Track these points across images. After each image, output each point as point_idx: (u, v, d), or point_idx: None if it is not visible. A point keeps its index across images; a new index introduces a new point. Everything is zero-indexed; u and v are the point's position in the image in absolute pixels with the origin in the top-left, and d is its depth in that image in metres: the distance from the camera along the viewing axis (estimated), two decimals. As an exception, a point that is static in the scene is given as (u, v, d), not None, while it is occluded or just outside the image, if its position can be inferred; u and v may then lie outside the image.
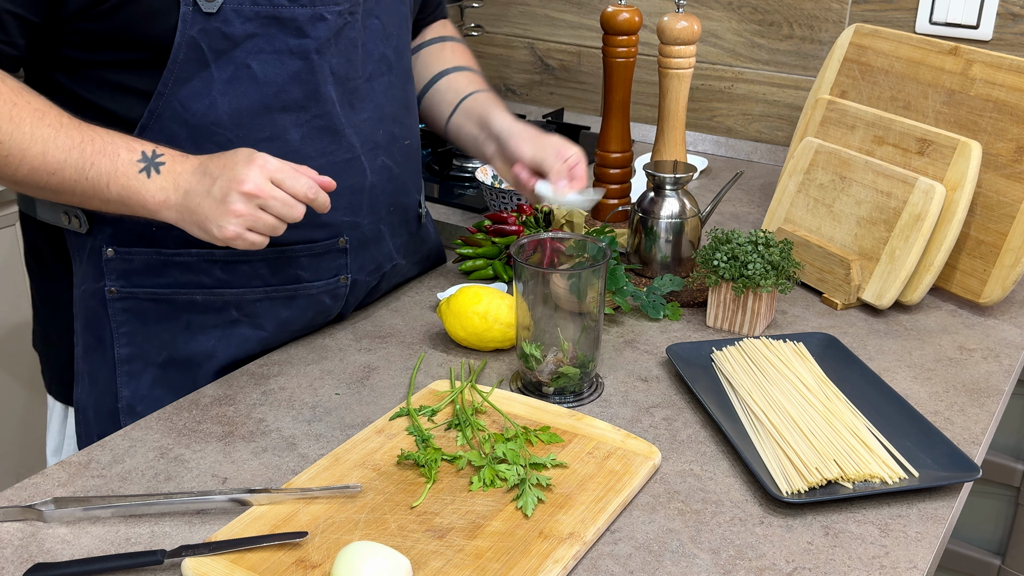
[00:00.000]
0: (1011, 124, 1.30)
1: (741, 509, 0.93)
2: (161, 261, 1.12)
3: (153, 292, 1.13)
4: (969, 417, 1.08)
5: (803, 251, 1.38)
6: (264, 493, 0.90)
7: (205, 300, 1.14)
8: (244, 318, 1.16)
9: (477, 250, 1.38)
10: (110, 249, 1.11)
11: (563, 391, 1.10)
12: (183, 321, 1.14)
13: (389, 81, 1.20)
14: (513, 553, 0.84)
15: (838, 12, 1.86)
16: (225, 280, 1.14)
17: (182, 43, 1.02)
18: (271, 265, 1.15)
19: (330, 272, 1.19)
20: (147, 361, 1.15)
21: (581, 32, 2.16)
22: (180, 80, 1.04)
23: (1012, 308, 1.34)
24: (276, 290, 1.17)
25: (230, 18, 1.03)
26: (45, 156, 0.98)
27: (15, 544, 0.86)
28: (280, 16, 1.05)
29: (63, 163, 0.99)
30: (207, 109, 1.05)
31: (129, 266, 1.12)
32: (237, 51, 1.04)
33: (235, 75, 1.05)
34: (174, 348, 1.15)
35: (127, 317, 1.14)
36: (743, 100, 2.01)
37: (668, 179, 1.32)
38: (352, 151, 1.15)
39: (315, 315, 1.22)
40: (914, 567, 0.85)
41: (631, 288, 1.27)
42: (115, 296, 1.13)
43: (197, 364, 1.16)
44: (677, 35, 1.40)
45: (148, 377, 1.15)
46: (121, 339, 1.14)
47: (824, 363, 1.14)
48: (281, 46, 1.06)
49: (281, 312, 1.18)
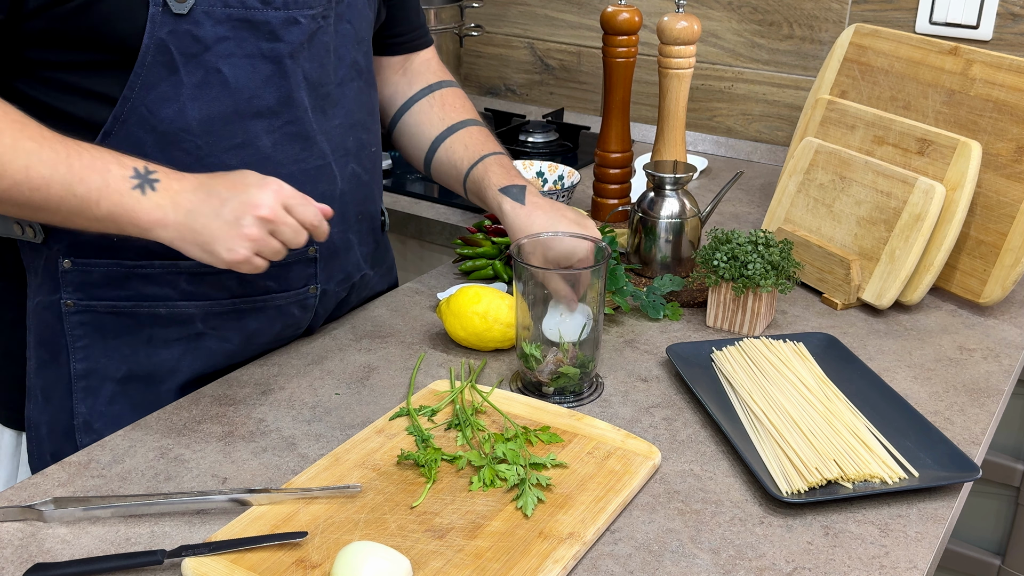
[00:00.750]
0: (1011, 124, 1.30)
1: (741, 509, 0.93)
2: (122, 273, 1.08)
3: (113, 305, 1.09)
4: (969, 417, 1.08)
5: (803, 251, 1.38)
6: (264, 493, 0.90)
7: (169, 313, 1.10)
8: (210, 331, 1.13)
9: (477, 250, 1.38)
10: (67, 260, 1.07)
11: (563, 391, 1.10)
12: (145, 335, 1.11)
13: (359, 87, 1.18)
14: (513, 553, 0.84)
15: (838, 12, 1.86)
16: (190, 292, 1.10)
17: (150, 45, 0.98)
18: (238, 276, 1.11)
19: (299, 282, 1.16)
20: (105, 376, 1.11)
21: (581, 32, 2.16)
22: (147, 84, 1.00)
23: (1012, 308, 1.34)
24: (243, 301, 1.13)
25: (201, 20, 0.99)
26: (28, 171, 0.92)
27: (15, 544, 0.86)
28: (253, 19, 1.02)
29: (48, 179, 0.93)
30: (176, 115, 1.01)
31: (87, 278, 1.08)
32: (208, 55, 1.01)
33: (205, 79, 1.01)
34: (135, 363, 1.11)
35: (85, 331, 1.10)
36: (743, 100, 2.01)
37: (668, 179, 1.32)
38: (323, 158, 1.12)
39: (283, 327, 1.18)
40: (914, 567, 0.85)
41: (631, 288, 1.27)
42: (72, 309, 1.09)
43: (159, 379, 1.12)
44: (677, 35, 1.40)
45: (106, 393, 1.11)
46: (77, 353, 1.10)
47: (824, 363, 1.14)
48: (253, 50, 1.03)
49: (249, 324, 1.15)
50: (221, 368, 1.16)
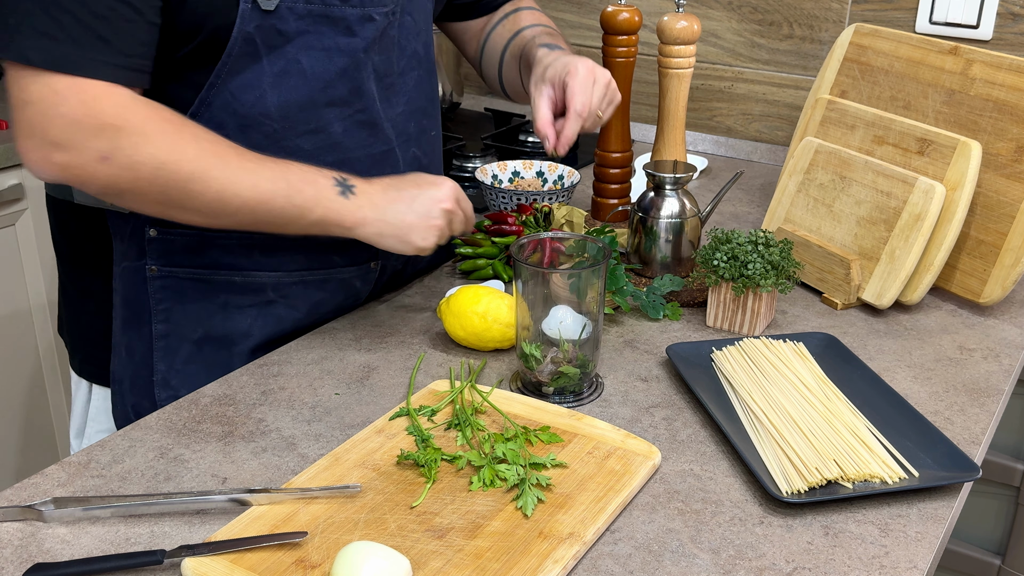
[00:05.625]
0: (1011, 124, 1.30)
1: (741, 509, 0.93)
2: (202, 242, 1.16)
3: (193, 272, 1.17)
4: (969, 417, 1.08)
5: (803, 251, 1.38)
6: (264, 493, 0.90)
7: (243, 281, 1.18)
8: (280, 299, 1.21)
9: (477, 250, 1.38)
10: (152, 229, 1.16)
11: (563, 391, 1.10)
12: (220, 300, 1.18)
13: (419, 75, 1.24)
14: (513, 553, 0.84)
15: (838, 12, 1.86)
16: (263, 263, 1.18)
17: (238, 37, 1.05)
18: (307, 250, 1.20)
19: (362, 258, 1.24)
20: (183, 338, 1.19)
21: (581, 32, 2.16)
22: (233, 72, 1.07)
23: (1012, 308, 1.34)
24: (311, 274, 1.21)
25: (285, 15, 1.06)
26: (256, 188, 1.03)
27: (15, 544, 0.86)
28: (331, 15, 1.09)
29: (272, 192, 1.04)
30: (256, 100, 1.08)
31: (170, 246, 1.16)
32: (289, 47, 1.08)
33: (285, 69, 1.09)
34: (211, 326, 1.19)
35: (166, 295, 1.18)
36: (743, 100, 2.01)
37: (668, 179, 1.32)
38: (388, 143, 1.20)
39: (345, 298, 1.26)
40: (914, 567, 0.85)
41: (631, 288, 1.27)
42: (155, 274, 1.17)
43: (233, 342, 1.20)
44: (677, 35, 1.39)
45: (184, 353, 1.19)
46: (159, 316, 1.18)
47: (824, 363, 1.14)
48: (330, 44, 1.10)
49: (314, 295, 1.23)
50: (288, 333, 1.23)
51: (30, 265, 2.04)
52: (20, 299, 2.03)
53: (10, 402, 2.05)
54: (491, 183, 1.61)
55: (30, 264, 2.04)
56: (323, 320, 1.26)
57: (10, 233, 1.99)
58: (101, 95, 0.97)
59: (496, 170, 1.65)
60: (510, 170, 1.66)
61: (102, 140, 0.97)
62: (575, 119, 1.17)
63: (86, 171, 0.99)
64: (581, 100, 1.17)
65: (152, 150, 0.99)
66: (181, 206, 1.03)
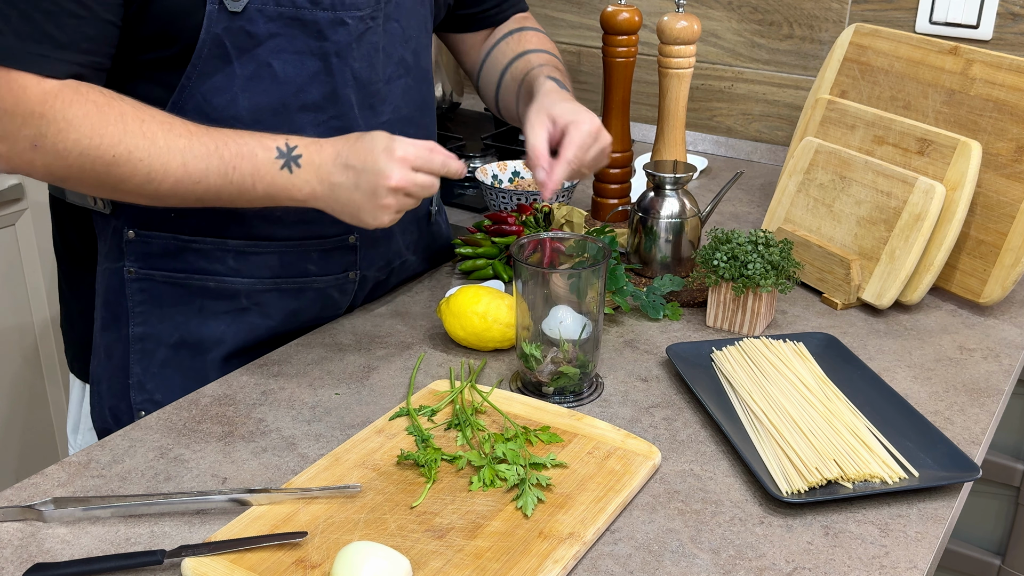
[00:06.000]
0: (1011, 124, 1.30)
1: (741, 509, 0.93)
2: (178, 246, 1.15)
3: (169, 275, 1.16)
4: (969, 417, 1.08)
5: (803, 251, 1.38)
6: (264, 493, 0.90)
7: (217, 287, 1.17)
8: (253, 307, 1.19)
9: (477, 250, 1.38)
10: (131, 231, 1.15)
11: (563, 391, 1.10)
12: (196, 305, 1.18)
13: (407, 83, 1.22)
14: (513, 553, 0.84)
15: (838, 12, 1.86)
16: (236, 269, 1.17)
17: (207, 40, 1.04)
18: (282, 258, 1.18)
19: (339, 268, 1.22)
20: (159, 341, 1.18)
21: (581, 32, 2.16)
22: (203, 75, 1.06)
23: (1012, 308, 1.34)
24: (285, 282, 1.20)
25: (254, 17, 1.05)
26: (186, 167, 1.01)
27: (15, 544, 0.86)
28: (302, 18, 1.07)
29: (205, 171, 1.01)
30: (227, 104, 1.08)
31: (148, 248, 1.16)
32: (259, 50, 1.07)
33: (256, 73, 1.08)
34: (186, 331, 1.18)
35: (143, 297, 1.17)
36: (743, 100, 2.01)
37: (668, 179, 1.32)
38: None
39: (323, 308, 1.24)
40: (914, 567, 0.85)
41: (631, 288, 1.27)
42: (133, 276, 1.16)
43: (207, 348, 1.19)
44: (677, 35, 1.39)
45: (159, 356, 1.18)
46: (136, 318, 1.17)
47: (824, 363, 1.14)
48: (302, 47, 1.08)
49: (289, 304, 1.21)
50: (263, 341, 1.22)
51: (30, 265, 2.04)
52: (20, 299, 2.03)
53: (10, 402, 2.05)
54: (491, 183, 1.61)
55: (30, 264, 2.04)
56: (302, 330, 1.24)
57: (10, 233, 1.99)
58: (29, 85, 0.96)
59: (496, 170, 1.65)
60: (510, 170, 1.66)
61: (30, 128, 0.97)
62: (565, 165, 1.11)
63: (23, 159, 0.99)
64: (575, 152, 1.11)
65: (76, 136, 0.97)
66: (116, 189, 1.02)
